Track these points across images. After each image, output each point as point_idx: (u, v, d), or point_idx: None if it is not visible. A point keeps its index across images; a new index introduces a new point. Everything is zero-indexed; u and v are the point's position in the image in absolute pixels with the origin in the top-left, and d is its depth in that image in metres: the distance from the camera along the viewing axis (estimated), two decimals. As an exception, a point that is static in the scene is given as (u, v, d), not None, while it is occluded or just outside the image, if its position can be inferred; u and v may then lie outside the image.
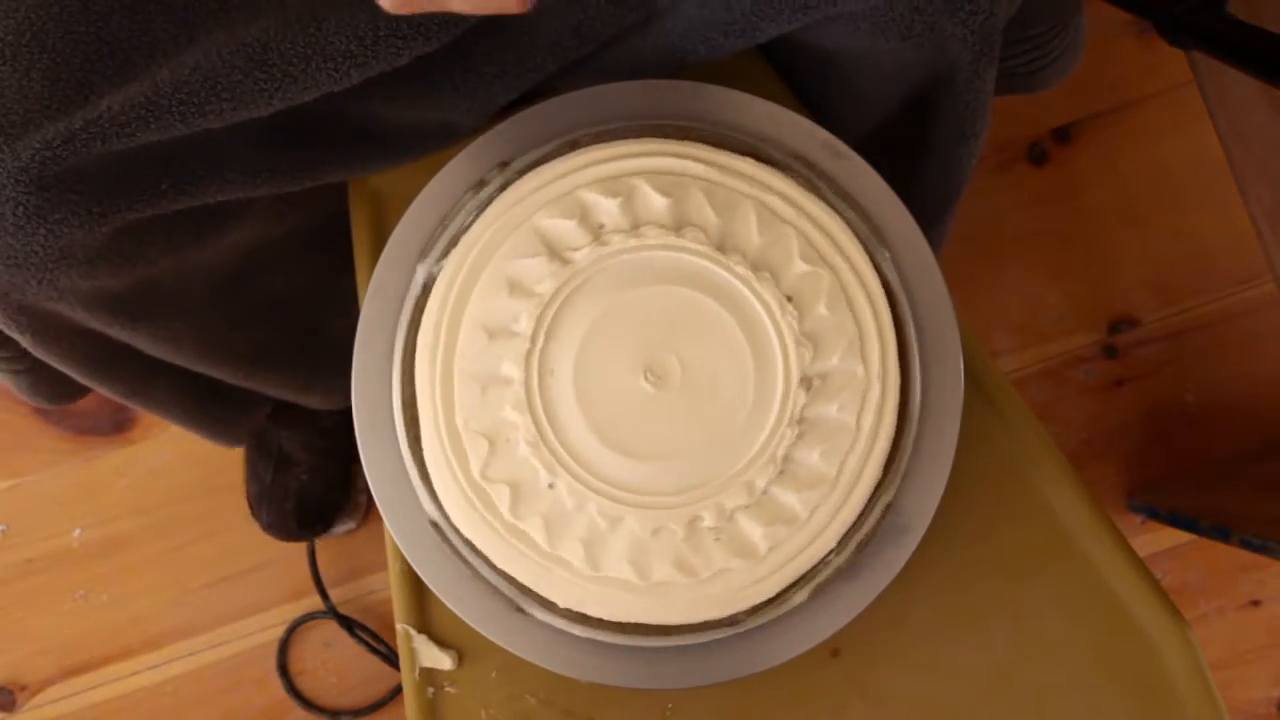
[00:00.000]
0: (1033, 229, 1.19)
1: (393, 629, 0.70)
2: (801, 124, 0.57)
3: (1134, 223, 1.19)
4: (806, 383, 0.52)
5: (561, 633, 0.53)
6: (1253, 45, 0.65)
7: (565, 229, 0.53)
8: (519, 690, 0.56)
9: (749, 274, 0.52)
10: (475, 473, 0.52)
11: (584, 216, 0.53)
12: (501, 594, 0.53)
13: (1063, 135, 1.21)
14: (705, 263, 0.53)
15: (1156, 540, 1.14)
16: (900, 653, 0.57)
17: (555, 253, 0.53)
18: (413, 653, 0.57)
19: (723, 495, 0.51)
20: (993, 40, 0.57)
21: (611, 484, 0.51)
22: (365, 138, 0.59)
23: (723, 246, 0.53)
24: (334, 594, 1.12)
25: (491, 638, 0.53)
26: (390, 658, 1.11)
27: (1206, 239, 1.19)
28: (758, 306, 0.53)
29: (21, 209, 0.49)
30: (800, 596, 0.53)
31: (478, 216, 0.55)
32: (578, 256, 0.53)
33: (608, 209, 0.53)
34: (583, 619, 0.53)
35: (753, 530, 0.51)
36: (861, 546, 0.53)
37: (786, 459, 0.52)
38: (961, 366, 0.55)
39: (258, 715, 1.13)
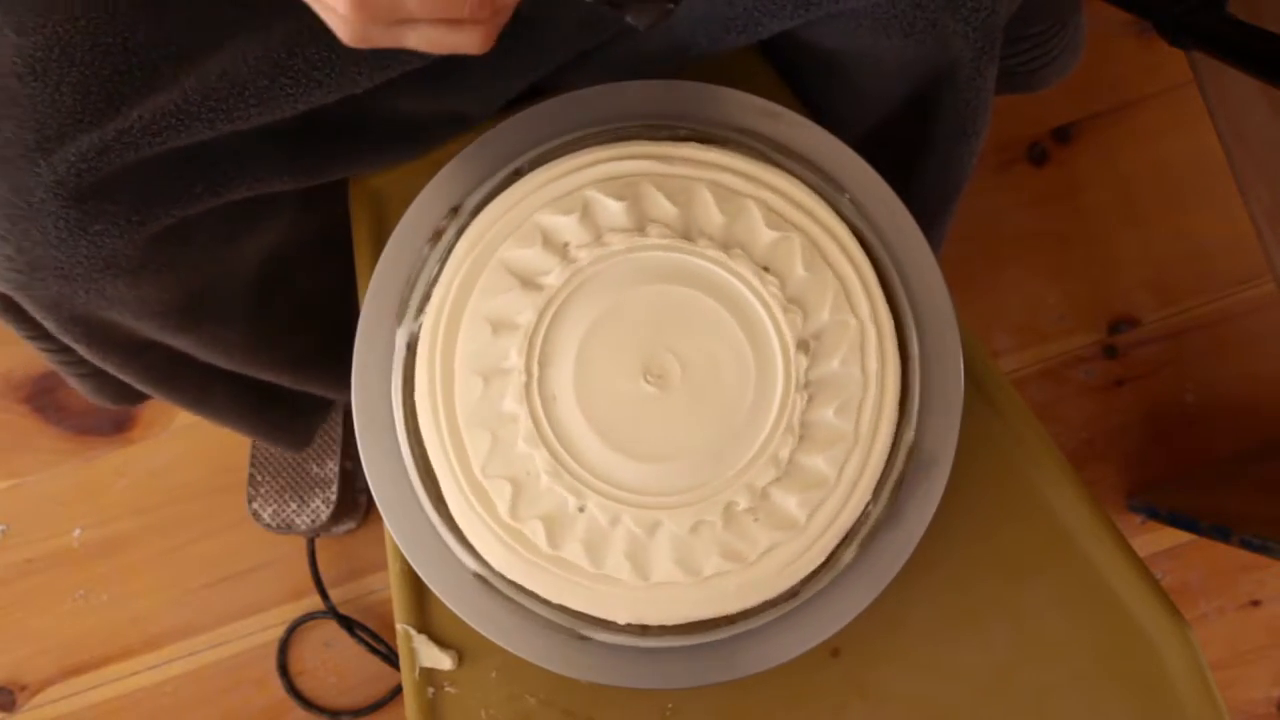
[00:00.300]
0: (1033, 229, 1.19)
1: (393, 629, 0.70)
2: (735, 95, 0.57)
3: (1134, 223, 1.19)
4: (804, 346, 0.52)
5: (562, 632, 0.53)
6: (1253, 45, 0.65)
7: (531, 256, 0.53)
8: (519, 690, 0.56)
9: (720, 254, 0.52)
10: (477, 471, 0.52)
11: (546, 240, 0.53)
12: (501, 594, 0.53)
13: (1063, 135, 1.21)
14: (676, 255, 0.53)
15: (1156, 540, 1.14)
16: (900, 653, 0.57)
17: (529, 282, 0.53)
18: (413, 653, 0.57)
19: (750, 474, 0.51)
20: (994, 37, 0.57)
21: (630, 489, 0.51)
22: (383, 131, 0.60)
23: (688, 234, 0.53)
24: (334, 594, 1.12)
25: (491, 638, 0.53)
26: (390, 658, 1.11)
27: (1206, 239, 1.19)
28: (737, 284, 0.53)
29: (62, 222, 0.50)
30: (849, 554, 0.53)
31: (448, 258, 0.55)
32: (549, 280, 0.53)
33: (567, 226, 0.53)
34: (584, 619, 0.53)
35: (788, 501, 0.51)
36: (895, 493, 0.54)
37: (803, 424, 0.52)
38: (961, 366, 0.55)
39: (258, 715, 1.14)
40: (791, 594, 0.53)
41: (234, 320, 0.67)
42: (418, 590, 0.57)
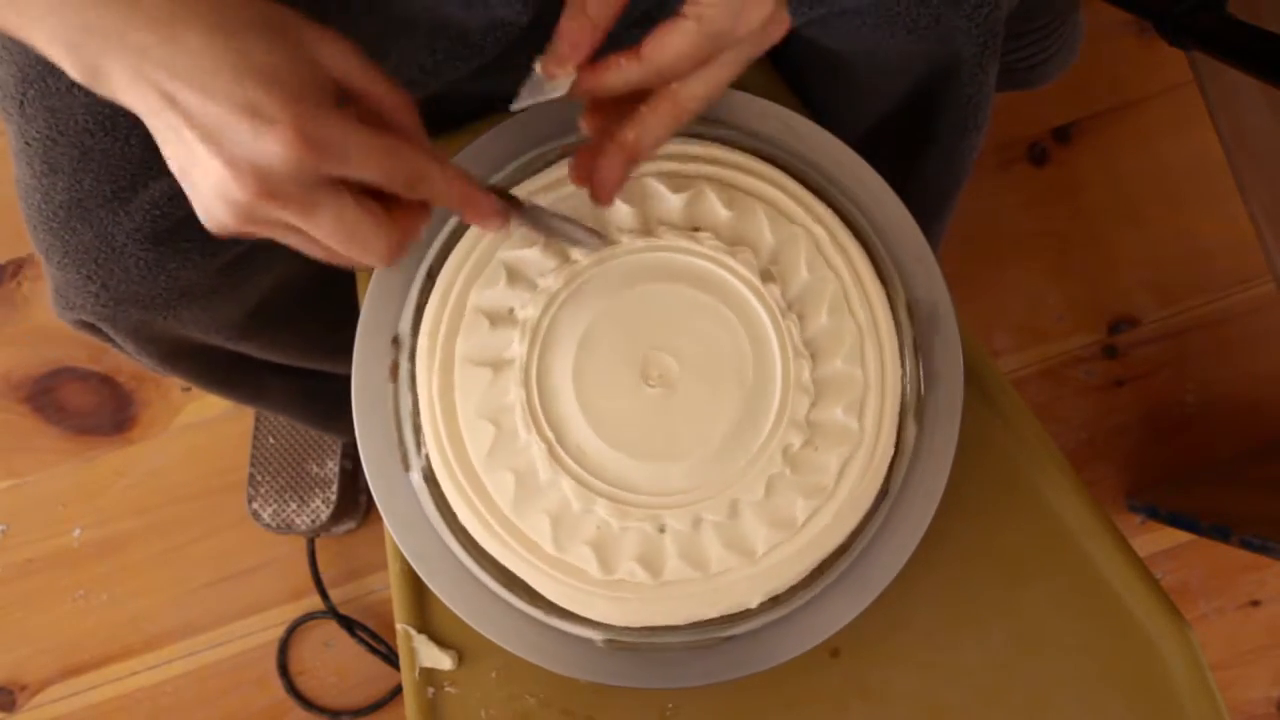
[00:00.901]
0: (1033, 229, 1.19)
1: (393, 629, 0.70)
2: (734, 95, 0.57)
3: (1134, 223, 1.19)
4: (803, 350, 0.52)
5: (562, 632, 0.53)
6: (1253, 45, 0.65)
7: (532, 257, 0.53)
8: (519, 690, 0.56)
9: (725, 256, 0.52)
10: (478, 467, 0.52)
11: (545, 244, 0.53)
12: (501, 594, 0.53)
13: (1063, 135, 1.21)
14: (680, 256, 0.52)
15: (1156, 540, 1.14)
16: (900, 653, 0.57)
17: (530, 280, 0.53)
18: (413, 653, 0.57)
19: (751, 475, 0.51)
20: (996, 33, 0.57)
21: (630, 489, 0.51)
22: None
23: (686, 231, 0.53)
24: (334, 594, 1.12)
25: (491, 637, 0.53)
26: (390, 658, 1.11)
27: (1206, 239, 1.19)
28: (740, 287, 0.53)
29: (143, 262, 0.54)
30: (849, 555, 0.53)
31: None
32: (547, 282, 0.52)
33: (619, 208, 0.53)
34: (585, 618, 0.53)
35: (791, 499, 0.51)
36: (896, 492, 0.54)
37: (809, 422, 0.52)
38: (961, 366, 0.55)
39: (258, 715, 1.13)
40: (795, 591, 0.53)
41: (290, 322, 0.71)
42: (418, 590, 0.57)
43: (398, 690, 1.12)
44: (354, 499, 1.13)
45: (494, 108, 0.61)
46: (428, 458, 0.53)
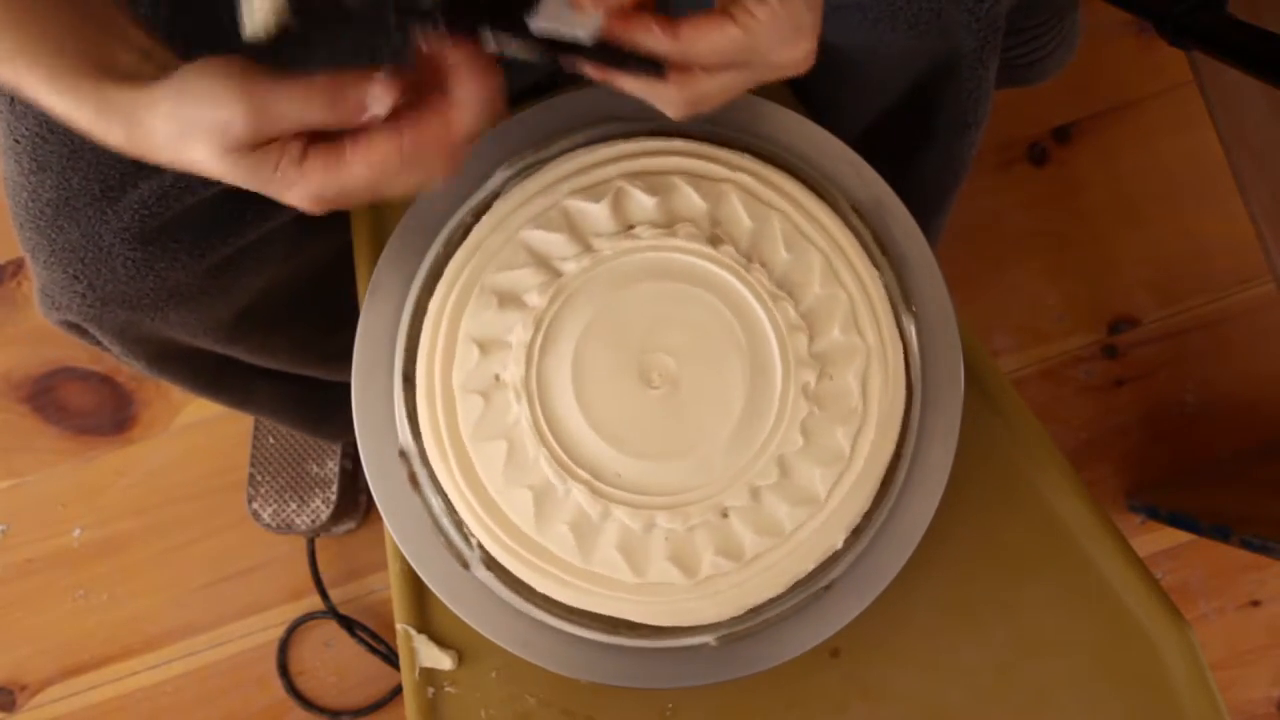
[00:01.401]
0: (1033, 229, 1.19)
1: (393, 629, 0.70)
2: (806, 124, 0.57)
3: (1134, 223, 1.19)
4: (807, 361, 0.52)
5: (562, 632, 0.53)
6: (1253, 45, 0.65)
7: (553, 240, 0.53)
8: (519, 690, 0.56)
9: (735, 264, 0.52)
10: (491, 490, 0.52)
11: (542, 253, 0.53)
12: (501, 594, 0.53)
13: (1063, 135, 1.21)
14: (695, 259, 0.53)
15: (1156, 540, 1.14)
16: (900, 652, 0.57)
17: (545, 264, 0.53)
18: (413, 653, 0.57)
19: (750, 475, 0.51)
20: (997, 27, 0.57)
21: (631, 489, 0.51)
22: None
23: (715, 239, 0.53)
24: (334, 594, 1.12)
25: (491, 637, 0.53)
26: (390, 658, 1.11)
27: (1206, 239, 1.19)
28: (748, 295, 0.53)
29: (130, 262, 0.54)
30: (849, 555, 0.53)
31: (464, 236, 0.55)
32: (565, 266, 0.53)
33: (596, 213, 0.53)
34: (585, 618, 0.53)
35: (780, 508, 0.51)
36: (896, 493, 0.54)
37: (805, 432, 0.52)
38: (961, 366, 0.55)
39: (258, 715, 1.13)
40: (793, 593, 0.53)
41: (280, 326, 0.71)
42: (418, 590, 0.57)
43: (398, 690, 1.12)
44: (354, 499, 1.13)
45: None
46: (480, 546, 0.53)
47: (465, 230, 0.55)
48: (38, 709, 1.13)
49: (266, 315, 0.68)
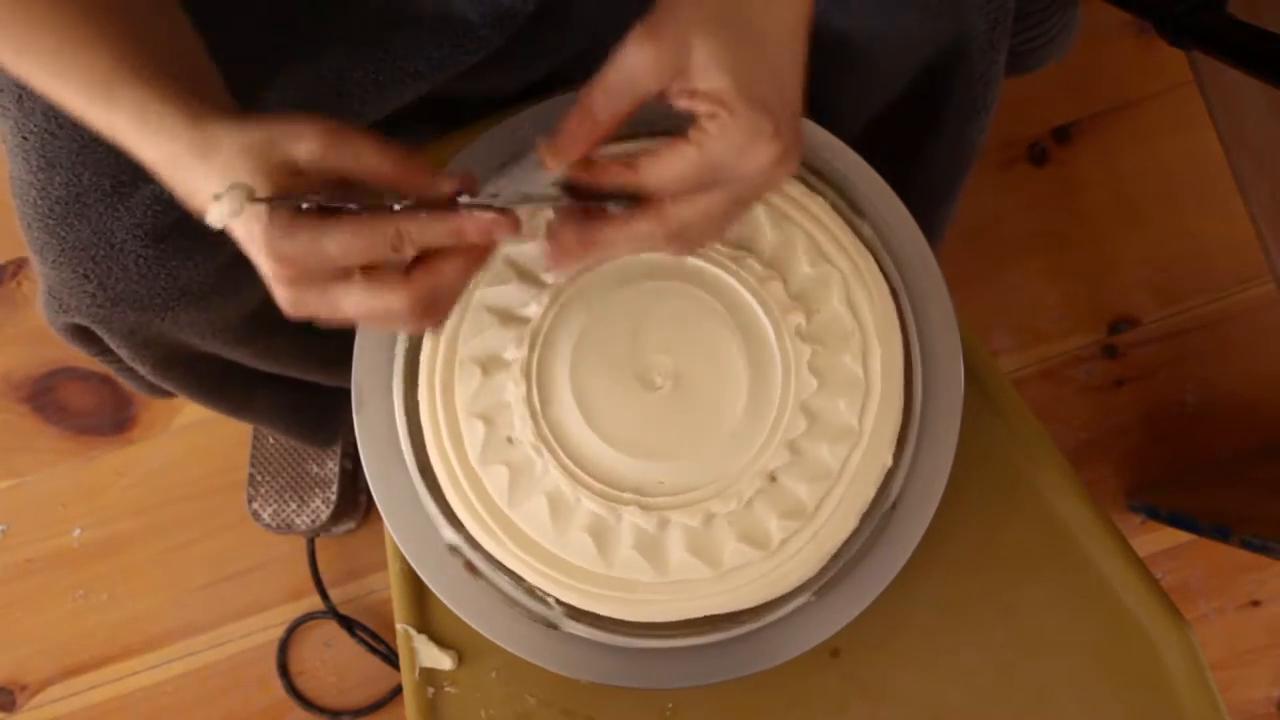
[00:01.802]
0: (1033, 229, 1.19)
1: (393, 629, 0.70)
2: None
3: (1134, 223, 1.19)
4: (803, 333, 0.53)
5: (562, 633, 0.53)
6: (1253, 45, 0.65)
7: (509, 293, 0.53)
8: (519, 690, 0.56)
9: (725, 258, 0.53)
10: (474, 463, 0.52)
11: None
12: (501, 594, 0.53)
13: (1063, 135, 1.21)
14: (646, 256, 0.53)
15: (1156, 540, 1.14)
16: (900, 652, 0.57)
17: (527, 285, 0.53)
18: (413, 653, 0.57)
19: (748, 477, 0.51)
20: (1007, 9, 0.57)
21: (631, 490, 0.51)
22: (426, 112, 0.61)
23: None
24: (334, 594, 1.12)
25: (491, 637, 0.53)
26: (390, 658, 1.11)
27: (1206, 239, 1.19)
28: (736, 285, 0.53)
29: (142, 260, 0.53)
30: (849, 555, 0.53)
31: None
32: (529, 310, 0.53)
33: None
34: (584, 618, 0.53)
35: (770, 517, 0.52)
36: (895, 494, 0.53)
37: (808, 410, 0.52)
38: (961, 366, 0.55)
39: (258, 715, 1.13)
40: (795, 591, 0.53)
41: (284, 328, 0.70)
42: (418, 590, 0.57)
43: (398, 690, 1.12)
44: (354, 499, 1.13)
45: (493, 107, 0.62)
46: (557, 601, 0.53)
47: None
48: (38, 709, 1.13)
49: (272, 316, 0.68)
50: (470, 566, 0.53)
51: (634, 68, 0.40)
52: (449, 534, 0.53)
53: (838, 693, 0.57)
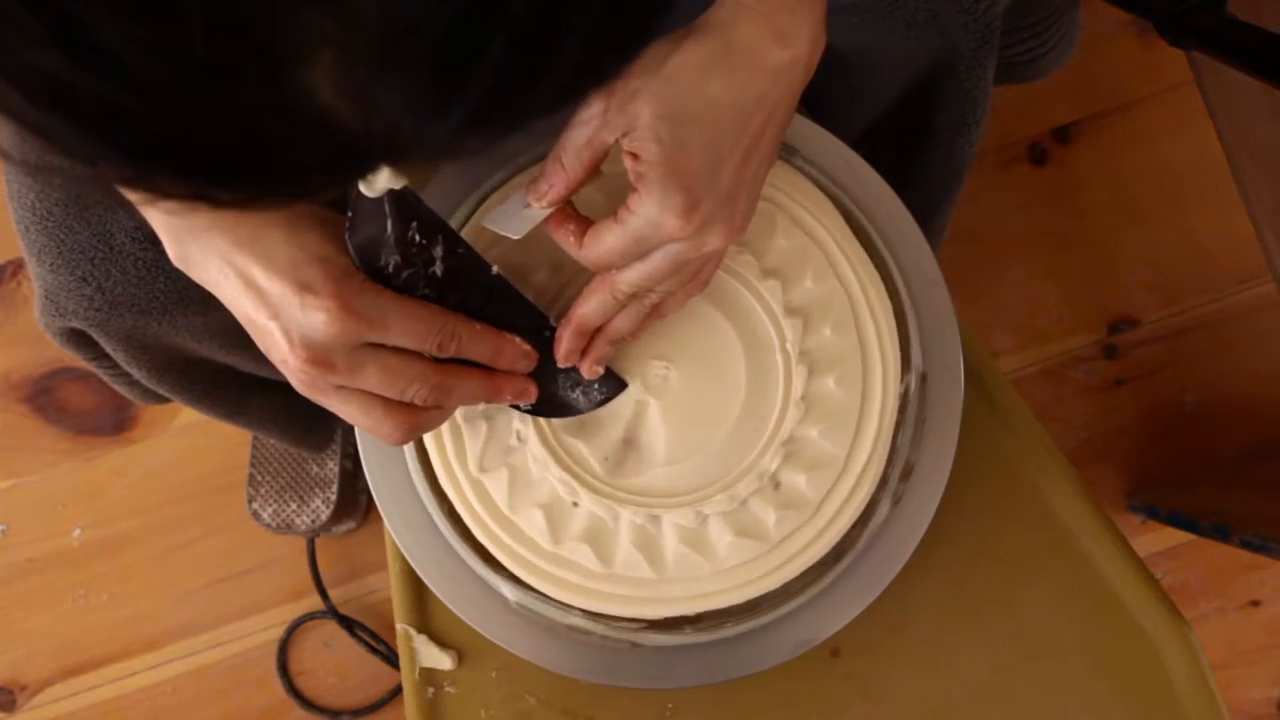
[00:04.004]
0: (1033, 229, 1.19)
1: (393, 629, 0.70)
2: (804, 122, 0.57)
3: (1134, 223, 1.19)
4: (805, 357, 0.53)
5: (562, 633, 0.53)
6: (1253, 45, 0.65)
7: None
8: (519, 690, 0.56)
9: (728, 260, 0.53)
10: (472, 467, 0.52)
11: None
12: (501, 594, 0.53)
13: (1063, 135, 1.21)
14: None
15: (1156, 540, 1.14)
16: (900, 652, 0.57)
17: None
18: (413, 653, 0.57)
19: (747, 478, 0.51)
20: (993, 26, 0.57)
21: (631, 491, 0.52)
22: None
23: None
24: (334, 594, 1.12)
25: (491, 637, 0.53)
26: (390, 658, 1.11)
27: (1206, 239, 1.19)
28: (741, 290, 0.53)
29: (141, 263, 0.53)
30: (849, 554, 0.53)
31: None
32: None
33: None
34: (584, 617, 0.53)
35: (766, 515, 0.52)
36: (895, 493, 0.54)
37: (803, 400, 0.52)
38: (961, 366, 0.55)
39: (258, 715, 1.13)
40: (795, 591, 0.53)
41: None
42: (418, 590, 0.57)
43: (398, 690, 1.12)
44: (354, 499, 1.13)
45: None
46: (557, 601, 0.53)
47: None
48: (38, 709, 1.13)
49: None
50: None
51: (589, 118, 0.42)
52: (450, 536, 0.53)
53: (838, 693, 0.57)
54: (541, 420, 0.52)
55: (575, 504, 0.52)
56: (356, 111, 0.23)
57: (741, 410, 0.52)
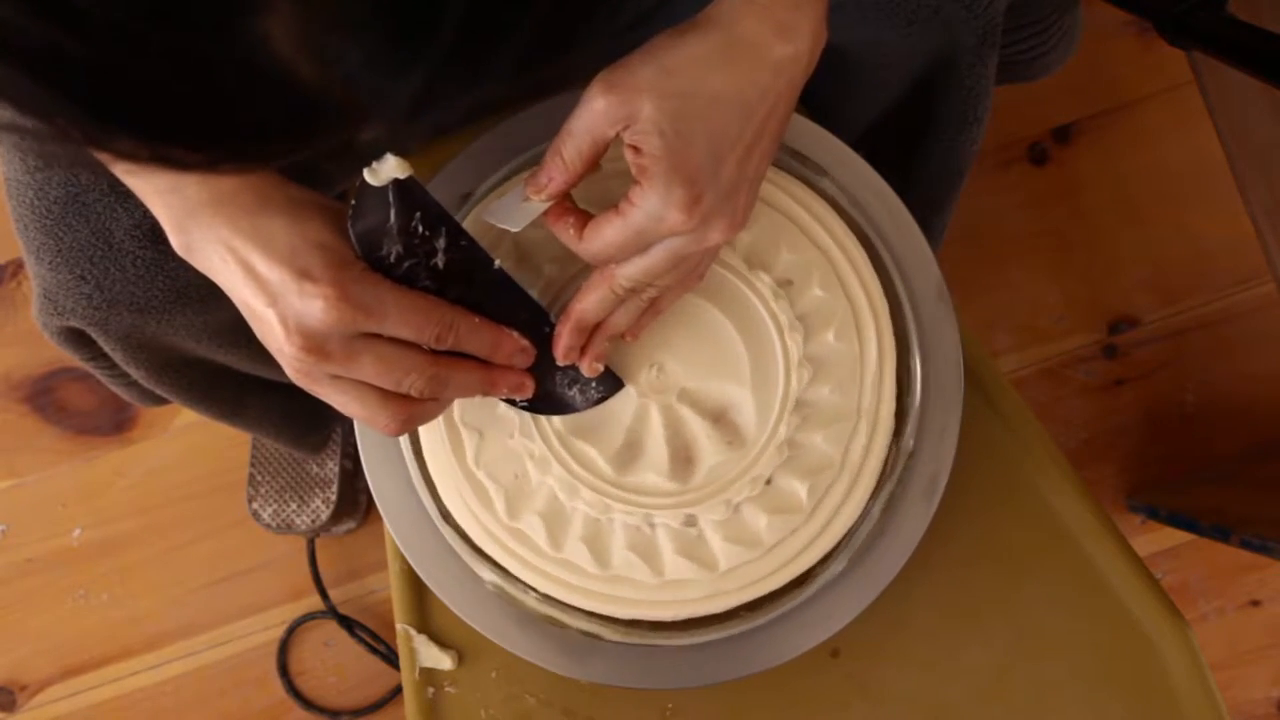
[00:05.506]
0: (1033, 229, 1.19)
1: (393, 629, 0.70)
2: (804, 123, 0.57)
3: (1134, 223, 1.19)
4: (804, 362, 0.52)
5: (562, 633, 0.53)
6: (1253, 45, 0.65)
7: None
8: (519, 690, 0.56)
9: (741, 266, 0.53)
10: (470, 464, 0.52)
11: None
12: (501, 594, 0.53)
13: (1063, 135, 1.21)
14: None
15: (1156, 540, 1.14)
16: (900, 652, 0.57)
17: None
18: (413, 653, 0.57)
19: (743, 481, 0.51)
20: (995, 23, 0.57)
21: (631, 490, 0.52)
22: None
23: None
24: (334, 594, 1.12)
25: (491, 638, 0.53)
26: (390, 658, 1.11)
27: (1206, 239, 1.19)
28: (751, 296, 0.53)
29: (141, 261, 0.53)
30: (849, 554, 0.53)
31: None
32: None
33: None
34: (583, 617, 0.53)
35: (758, 519, 0.52)
36: (895, 493, 0.53)
37: (802, 401, 0.52)
38: (961, 366, 0.55)
39: (258, 715, 1.13)
40: (795, 591, 0.53)
41: None
42: (418, 590, 0.57)
43: (398, 690, 1.12)
44: (354, 499, 1.13)
45: (481, 115, 0.61)
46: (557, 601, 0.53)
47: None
48: (38, 709, 1.13)
49: None
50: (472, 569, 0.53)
51: (590, 112, 0.42)
52: (449, 536, 0.53)
53: (838, 693, 0.57)
54: (543, 420, 0.52)
55: (575, 504, 0.52)
56: (315, 65, 0.22)
57: (742, 412, 0.52)
